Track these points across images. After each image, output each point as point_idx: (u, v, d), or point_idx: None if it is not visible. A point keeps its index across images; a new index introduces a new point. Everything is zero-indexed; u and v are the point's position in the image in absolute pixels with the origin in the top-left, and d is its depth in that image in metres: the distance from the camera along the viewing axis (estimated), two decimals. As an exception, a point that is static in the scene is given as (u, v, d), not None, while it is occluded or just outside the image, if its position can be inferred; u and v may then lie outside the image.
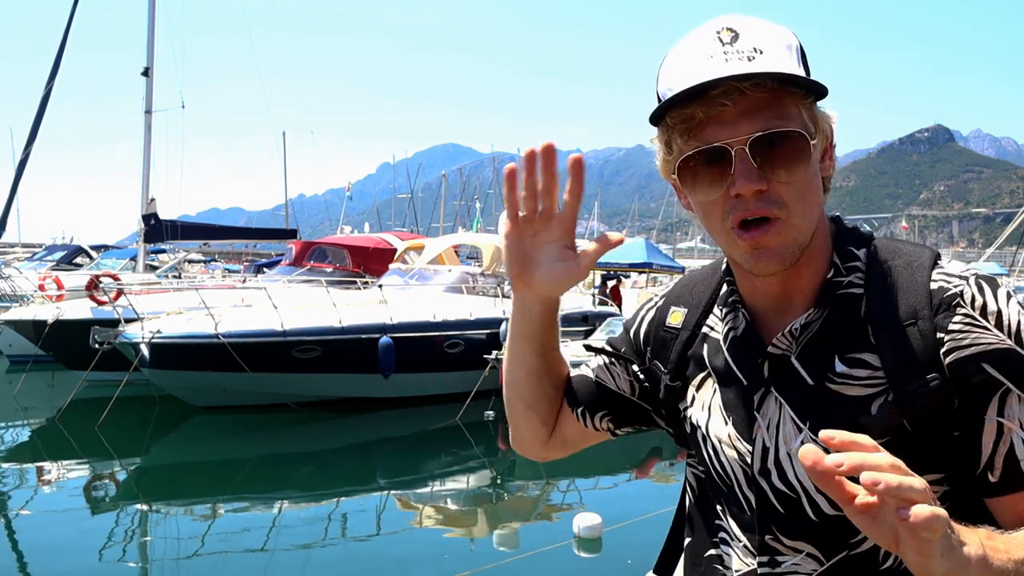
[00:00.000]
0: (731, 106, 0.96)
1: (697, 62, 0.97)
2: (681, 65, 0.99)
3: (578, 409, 1.28)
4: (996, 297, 0.97)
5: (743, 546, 1.09)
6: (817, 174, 1.01)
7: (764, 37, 0.98)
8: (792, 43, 1.00)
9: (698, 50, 0.98)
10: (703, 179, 1.00)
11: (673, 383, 1.18)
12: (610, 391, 1.27)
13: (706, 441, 1.13)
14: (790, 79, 0.96)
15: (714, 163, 0.98)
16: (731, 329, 1.12)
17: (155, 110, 20.71)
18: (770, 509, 1.05)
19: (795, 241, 1.00)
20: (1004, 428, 0.94)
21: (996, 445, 0.94)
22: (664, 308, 1.25)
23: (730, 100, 0.95)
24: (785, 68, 0.96)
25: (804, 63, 1.01)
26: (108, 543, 6.91)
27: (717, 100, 0.95)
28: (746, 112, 0.96)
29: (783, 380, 1.05)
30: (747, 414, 1.07)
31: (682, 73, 0.98)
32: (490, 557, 6.39)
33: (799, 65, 0.99)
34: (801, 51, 1.01)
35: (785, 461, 1.04)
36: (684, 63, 0.99)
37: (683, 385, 1.18)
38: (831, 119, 1.03)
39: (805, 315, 1.03)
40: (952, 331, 0.96)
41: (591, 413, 1.27)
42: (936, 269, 1.02)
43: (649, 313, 1.27)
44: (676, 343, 1.19)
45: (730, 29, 0.98)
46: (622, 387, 1.27)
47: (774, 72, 0.94)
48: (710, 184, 0.99)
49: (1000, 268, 42.02)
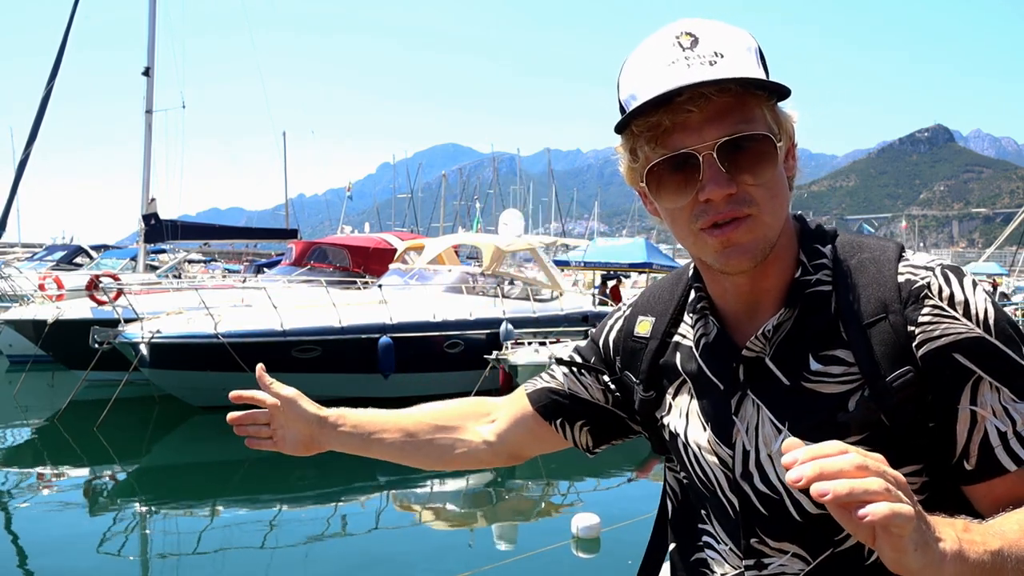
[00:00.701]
0: (697, 112, 0.95)
1: (659, 69, 0.97)
2: (643, 72, 0.99)
3: (556, 421, 1.30)
4: (963, 286, 0.98)
5: (728, 549, 1.09)
6: (783, 174, 1.02)
7: (723, 41, 0.98)
8: (751, 45, 1.00)
9: (659, 56, 0.98)
10: (671, 185, 1.00)
11: (647, 393, 1.18)
12: (585, 401, 1.29)
13: (687, 448, 1.13)
14: (755, 83, 0.96)
15: (681, 169, 0.98)
16: (703, 335, 1.12)
17: (155, 110, 20.69)
18: (754, 512, 1.05)
19: (765, 237, 1.00)
20: (978, 416, 0.95)
21: (971, 433, 0.95)
22: (631, 318, 1.25)
23: (696, 106, 0.95)
24: (747, 71, 0.96)
25: (763, 65, 1.01)
26: (107, 543, 6.90)
27: (683, 107, 0.95)
28: (712, 117, 0.96)
29: (759, 382, 1.05)
30: (725, 419, 1.07)
31: (645, 80, 0.98)
32: (489, 557, 6.39)
33: (759, 67, 1.00)
34: (760, 53, 1.01)
35: (766, 463, 1.04)
36: (646, 70, 0.98)
37: (658, 394, 1.18)
38: (792, 119, 1.03)
39: (777, 316, 1.03)
40: (922, 323, 0.97)
41: (570, 424, 1.30)
42: (902, 262, 1.03)
43: (617, 323, 1.28)
44: (646, 352, 1.19)
45: (689, 34, 0.98)
46: (596, 396, 1.28)
47: (741, 77, 0.94)
48: (678, 190, 0.99)
49: (1000, 268, 42.05)
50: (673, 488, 1.22)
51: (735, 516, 1.07)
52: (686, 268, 1.21)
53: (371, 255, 17.44)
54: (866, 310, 1.00)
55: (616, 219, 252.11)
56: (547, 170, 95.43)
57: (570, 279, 23.06)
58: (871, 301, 1.01)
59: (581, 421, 1.29)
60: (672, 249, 31.93)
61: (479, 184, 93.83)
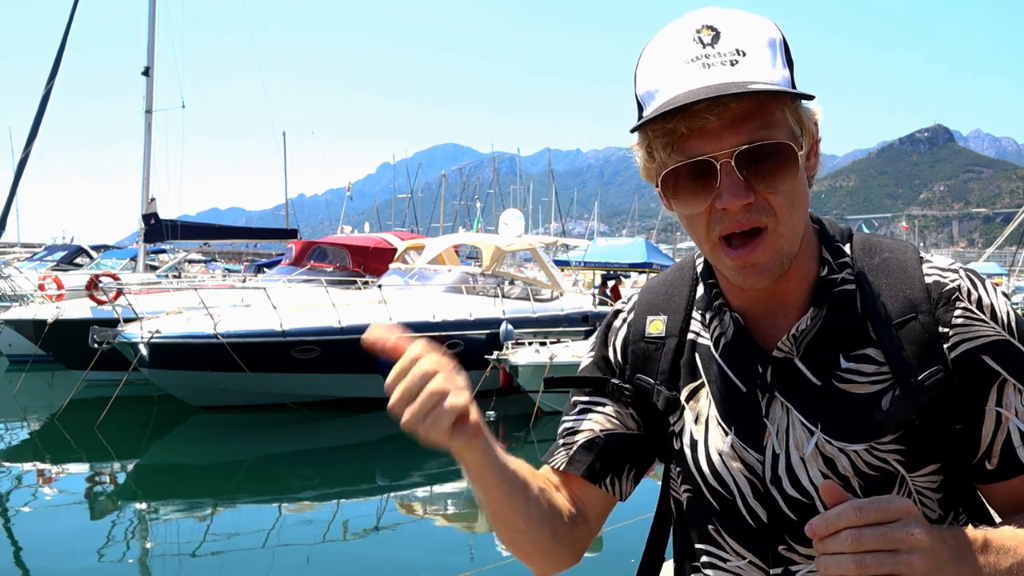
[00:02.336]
0: (715, 119, 0.92)
1: (677, 67, 0.93)
2: (661, 69, 0.96)
3: (605, 480, 1.14)
4: (987, 291, 1.00)
5: (747, 562, 1.05)
6: (804, 179, 0.98)
7: (745, 35, 0.94)
8: (775, 37, 0.96)
9: (678, 52, 0.94)
10: (687, 192, 0.96)
11: (671, 392, 1.11)
12: (626, 436, 1.15)
13: (699, 456, 1.08)
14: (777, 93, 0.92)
15: (698, 176, 0.94)
16: (721, 335, 1.08)
17: (155, 110, 20.69)
18: (782, 518, 1.02)
19: (784, 252, 0.97)
20: (1002, 417, 0.97)
21: (995, 434, 0.97)
22: (639, 319, 1.17)
23: (714, 114, 0.91)
24: (769, 70, 0.93)
25: (787, 57, 0.97)
26: (107, 542, 6.90)
27: (700, 114, 0.91)
28: (731, 123, 0.92)
29: (787, 384, 1.02)
30: (754, 422, 1.04)
31: (662, 79, 0.95)
32: (490, 557, 6.38)
33: (783, 61, 0.96)
34: (784, 45, 0.97)
35: (798, 467, 1.01)
36: (664, 67, 0.95)
37: (675, 396, 1.12)
38: (816, 115, 0.99)
39: (808, 316, 1.01)
40: (956, 325, 0.98)
41: (618, 476, 1.15)
42: (925, 263, 1.03)
43: (622, 329, 1.18)
44: (665, 351, 1.12)
45: (710, 27, 0.94)
46: (630, 426, 1.15)
47: (761, 88, 0.90)
48: (694, 196, 0.96)
49: (1000, 268, 42.03)
50: (671, 507, 1.18)
51: (759, 525, 1.04)
52: (688, 262, 1.18)
53: (371, 255, 17.42)
54: (894, 309, 1.00)
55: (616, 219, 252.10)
56: (547, 170, 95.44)
57: (570, 279, 23.06)
58: (899, 301, 1.00)
59: (627, 465, 1.15)
60: (672, 249, 31.94)
61: (479, 184, 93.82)
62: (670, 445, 1.13)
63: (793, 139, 0.95)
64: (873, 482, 0.99)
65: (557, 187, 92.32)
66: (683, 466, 1.11)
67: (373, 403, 12.43)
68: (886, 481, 0.99)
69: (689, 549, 1.13)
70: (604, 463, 1.14)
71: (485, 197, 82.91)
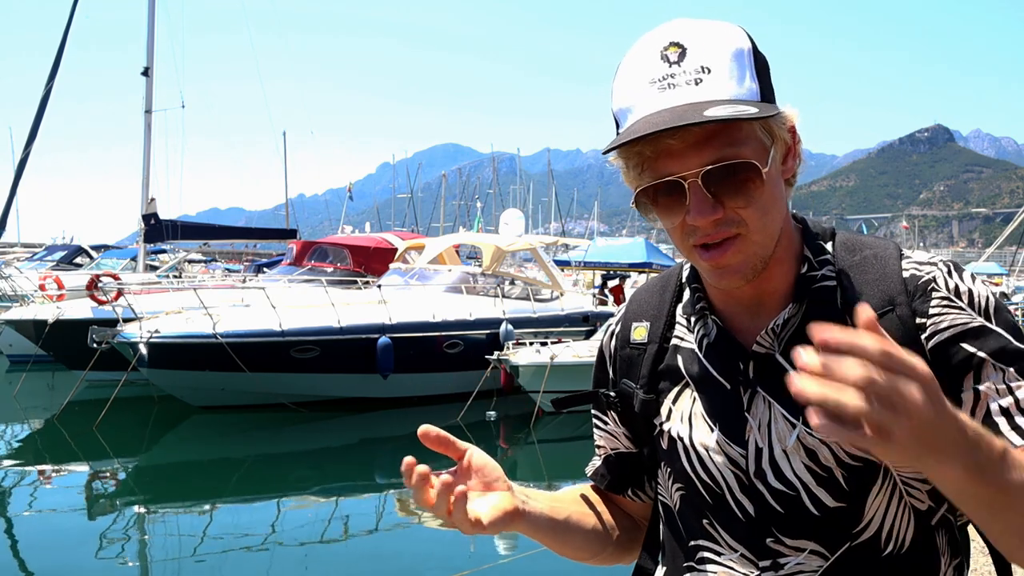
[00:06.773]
0: (678, 141, 0.94)
1: (643, 89, 0.96)
2: (630, 88, 0.98)
3: (627, 492, 1.26)
4: (963, 279, 1.02)
5: (739, 556, 1.07)
6: (777, 185, 1.00)
7: (711, 50, 0.95)
8: (743, 47, 0.97)
9: (644, 71, 0.97)
10: (661, 207, 1.00)
11: (648, 395, 1.16)
12: (626, 455, 1.25)
13: (689, 453, 1.11)
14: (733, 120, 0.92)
15: (669, 193, 0.98)
16: (704, 336, 1.11)
17: (155, 110, 20.68)
18: (768, 511, 1.05)
19: (757, 255, 1.00)
20: (980, 394, 0.97)
21: (973, 412, 0.97)
22: (625, 327, 1.23)
23: (676, 138, 0.94)
24: (734, 87, 0.94)
25: (756, 66, 0.97)
26: (107, 542, 6.91)
27: (663, 139, 0.94)
28: (695, 145, 0.95)
29: (769, 379, 1.05)
30: (736, 417, 1.06)
31: (631, 99, 0.98)
32: (490, 557, 6.39)
33: (751, 73, 0.96)
34: (752, 54, 0.97)
35: (781, 459, 1.03)
36: (632, 87, 0.98)
37: (657, 399, 1.16)
38: (790, 121, 1.00)
39: (786, 311, 1.04)
40: (932, 315, 1.00)
41: (638, 487, 1.25)
42: (904, 259, 1.05)
43: (612, 336, 1.25)
44: (645, 356, 1.17)
45: (677, 45, 0.96)
46: (627, 445, 1.24)
47: (719, 117, 0.90)
48: (667, 212, 1.00)
49: (1000, 268, 42.05)
50: (659, 509, 1.21)
51: (747, 518, 1.06)
52: (676, 269, 1.21)
53: (371, 255, 17.44)
54: (873, 304, 1.01)
55: (616, 219, 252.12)
56: (547, 170, 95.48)
57: (570, 279, 23.07)
58: (877, 295, 1.03)
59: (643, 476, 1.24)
60: (672, 249, 31.94)
61: (479, 184, 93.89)
62: (658, 447, 1.17)
63: (762, 151, 0.97)
64: (856, 472, 1.00)
65: (557, 187, 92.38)
66: (673, 465, 1.14)
67: (372, 403, 12.45)
68: (870, 471, 1.00)
69: (681, 549, 1.15)
70: (621, 478, 1.25)
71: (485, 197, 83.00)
